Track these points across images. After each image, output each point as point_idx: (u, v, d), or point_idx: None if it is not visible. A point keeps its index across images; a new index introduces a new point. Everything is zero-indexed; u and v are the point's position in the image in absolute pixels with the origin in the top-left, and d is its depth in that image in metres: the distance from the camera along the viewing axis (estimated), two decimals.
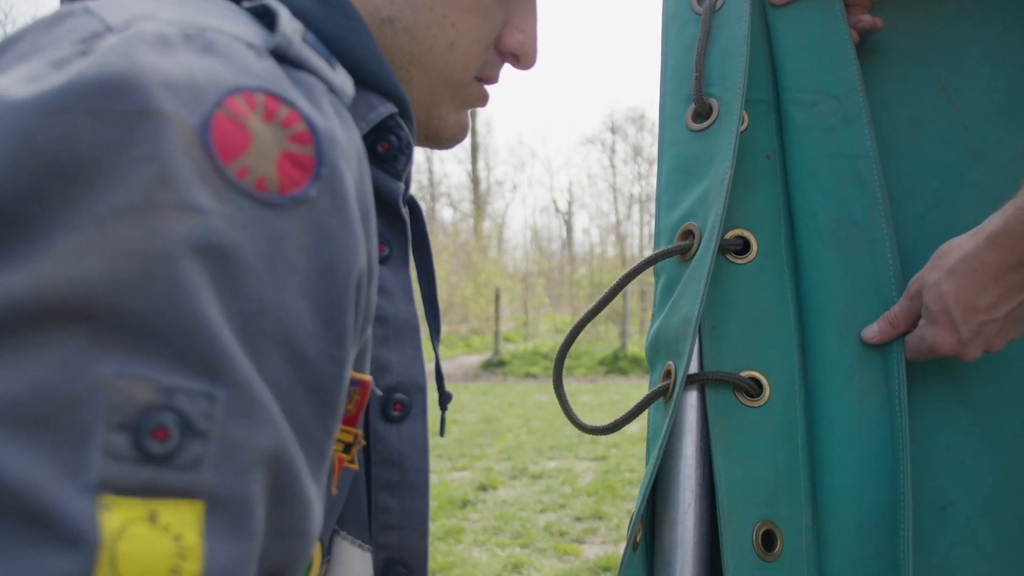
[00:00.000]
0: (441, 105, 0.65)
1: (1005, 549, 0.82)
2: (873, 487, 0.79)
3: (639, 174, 28.12)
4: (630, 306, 14.56)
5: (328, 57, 0.50)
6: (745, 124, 0.88)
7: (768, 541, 0.78)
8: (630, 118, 29.24)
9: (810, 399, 0.82)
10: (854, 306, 0.83)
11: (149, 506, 0.35)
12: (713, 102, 0.87)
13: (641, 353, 12.49)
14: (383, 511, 0.61)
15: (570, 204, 30.41)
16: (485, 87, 0.67)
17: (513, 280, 21.47)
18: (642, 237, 27.20)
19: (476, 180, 27.07)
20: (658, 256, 0.86)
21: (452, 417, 8.10)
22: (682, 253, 0.85)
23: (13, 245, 0.35)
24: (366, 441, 0.60)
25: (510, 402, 9.32)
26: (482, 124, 28.11)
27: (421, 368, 0.62)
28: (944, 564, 0.81)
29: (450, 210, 27.73)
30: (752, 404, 0.81)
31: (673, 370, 0.82)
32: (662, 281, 0.88)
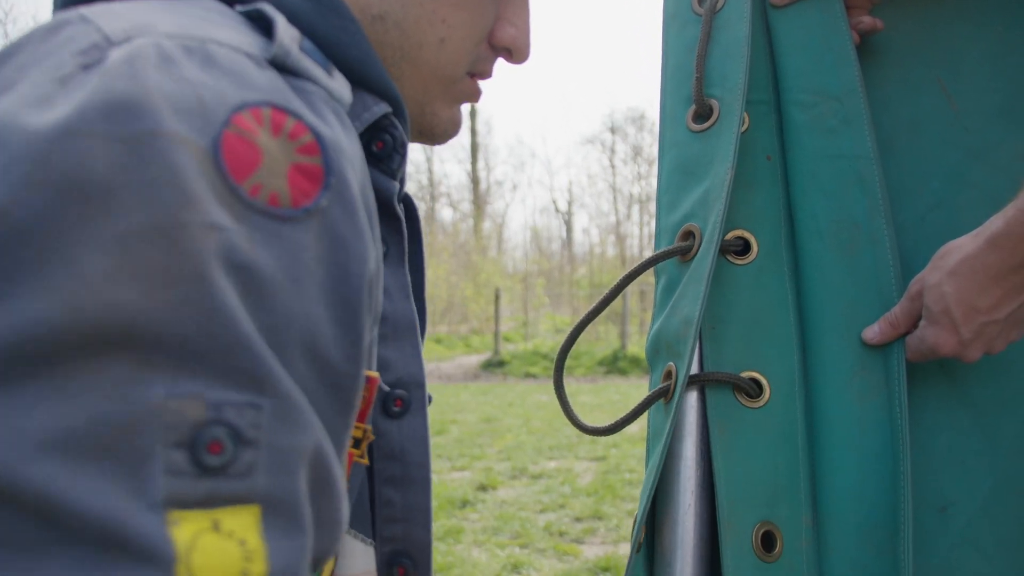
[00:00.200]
0: (433, 101, 0.65)
1: (1006, 550, 0.82)
2: (873, 488, 0.78)
3: (639, 174, 28.13)
4: (630, 306, 14.56)
5: (325, 63, 0.50)
6: (746, 125, 0.88)
7: (768, 542, 0.78)
8: (630, 118, 29.26)
9: (810, 400, 0.82)
10: (855, 307, 0.83)
11: (212, 516, 0.37)
12: (714, 103, 0.87)
13: (641, 353, 12.49)
14: (386, 505, 0.62)
15: (570, 204, 30.43)
16: (478, 82, 0.67)
17: (513, 280, 21.47)
18: (642, 237, 27.20)
19: (476, 180, 27.07)
20: (659, 257, 0.86)
21: (452, 417, 8.10)
22: (683, 254, 0.85)
23: (34, 267, 0.35)
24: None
25: (510, 402, 9.32)
26: (482, 124, 28.11)
27: (420, 365, 0.63)
28: (945, 565, 0.81)
29: (450, 210, 27.75)
30: (752, 405, 0.81)
31: (674, 371, 0.82)
32: (663, 282, 0.88)
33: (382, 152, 0.58)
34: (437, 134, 0.67)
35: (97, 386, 0.36)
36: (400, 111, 0.59)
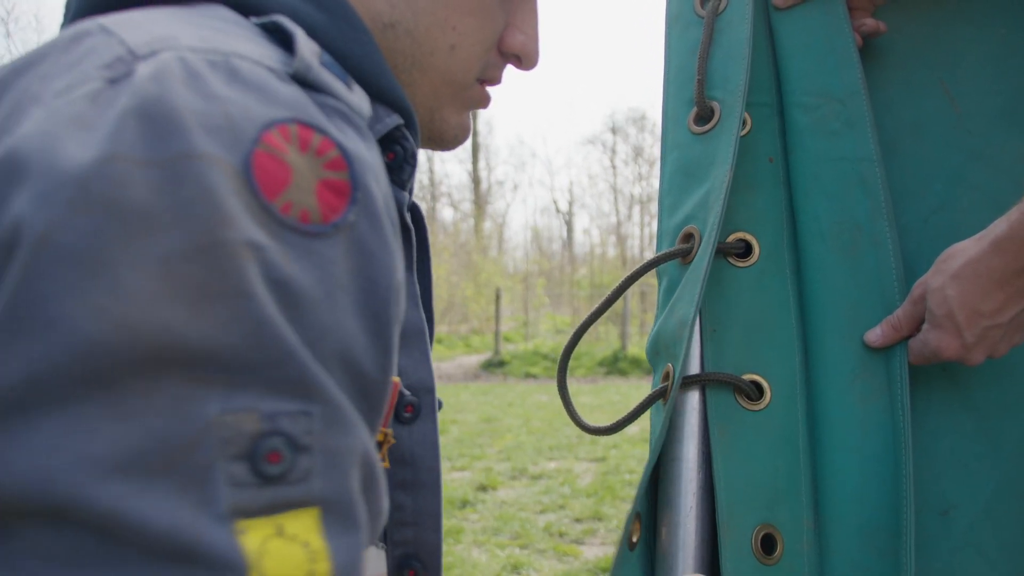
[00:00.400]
0: (443, 107, 0.65)
1: (1008, 554, 0.82)
2: (875, 491, 0.78)
3: (640, 175, 28.14)
4: (630, 307, 14.56)
5: (344, 77, 0.50)
6: (748, 127, 0.88)
7: (768, 544, 0.78)
8: (631, 119, 29.26)
9: (812, 402, 0.82)
10: (857, 309, 0.83)
11: (275, 522, 0.39)
12: (715, 105, 0.87)
13: (641, 354, 12.49)
14: (398, 509, 0.63)
15: (571, 204, 30.43)
16: (487, 88, 0.68)
17: (513, 280, 21.46)
18: (643, 238, 27.21)
19: (477, 180, 27.08)
20: (660, 259, 0.86)
21: (452, 417, 8.10)
22: (683, 256, 0.85)
23: (83, 290, 0.36)
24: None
25: (510, 402, 9.32)
26: (483, 124, 28.13)
27: (429, 370, 0.64)
28: (947, 569, 0.81)
29: (451, 210, 27.76)
30: (752, 407, 0.81)
31: (671, 372, 0.82)
32: (664, 283, 0.88)
33: (393, 163, 0.59)
34: (447, 140, 0.67)
35: (154, 406, 0.37)
36: (411, 122, 0.59)
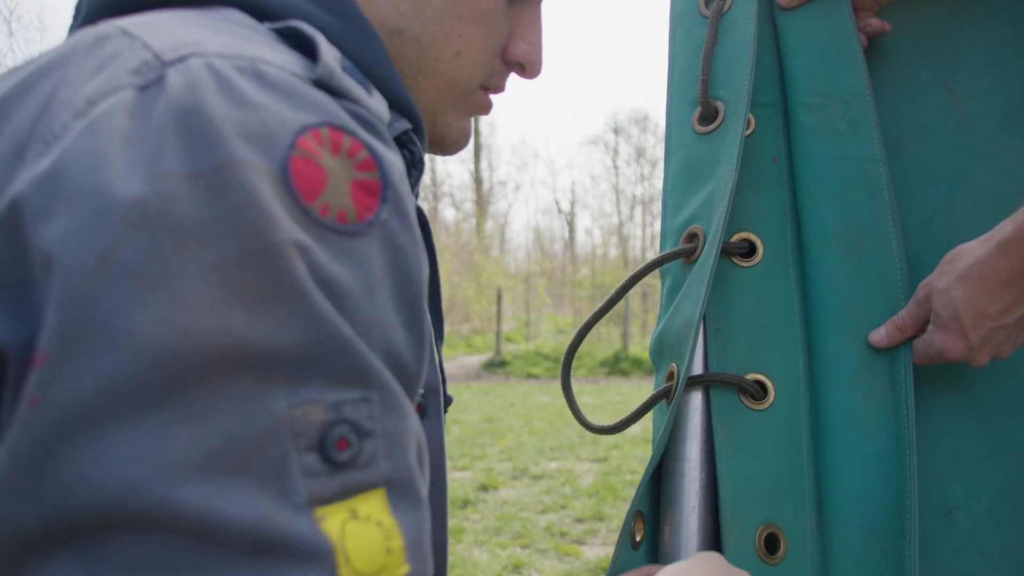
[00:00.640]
0: (446, 111, 0.66)
1: (1011, 554, 0.82)
2: (879, 491, 0.78)
3: (642, 175, 28.13)
4: (632, 307, 14.55)
5: (364, 83, 0.51)
6: (752, 127, 0.88)
7: (771, 544, 0.78)
8: (633, 119, 29.27)
9: (816, 402, 0.82)
10: (861, 309, 0.83)
11: (349, 505, 0.41)
12: (719, 105, 0.87)
13: (642, 354, 12.49)
14: None
15: (572, 205, 30.43)
16: (489, 96, 0.69)
17: (515, 280, 21.46)
18: (644, 238, 27.21)
19: (479, 180, 27.09)
20: (663, 259, 0.86)
21: (453, 417, 8.10)
22: (687, 256, 0.85)
23: (146, 302, 0.38)
24: None
25: (511, 402, 9.32)
26: (485, 124, 28.12)
27: (436, 371, 0.65)
28: (950, 569, 0.81)
29: (453, 210, 27.77)
30: (756, 407, 0.81)
31: (676, 372, 0.82)
32: (667, 283, 0.89)
33: None
34: (448, 144, 0.68)
35: (223, 407, 0.38)
36: (419, 127, 0.60)
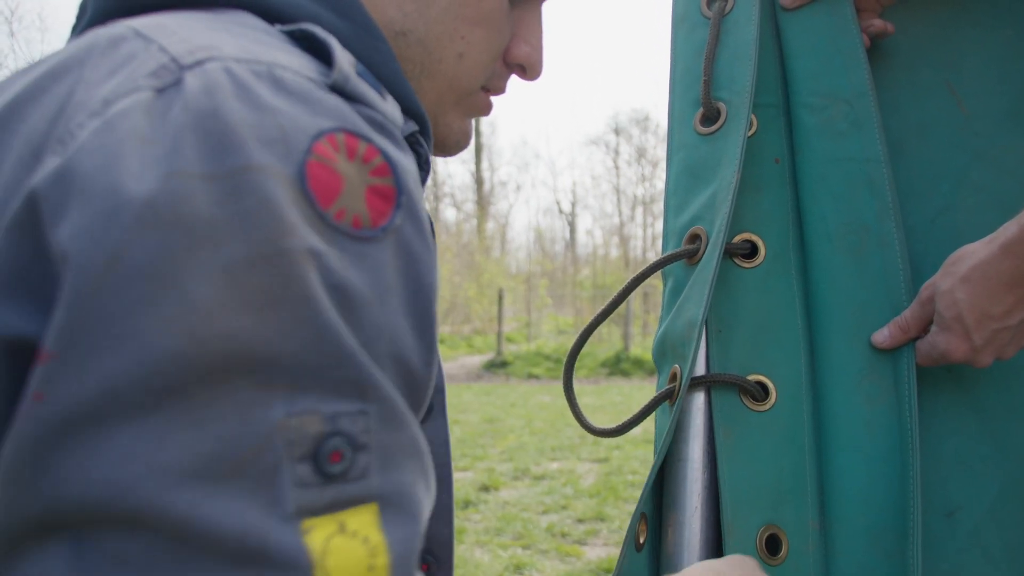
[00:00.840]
0: (447, 112, 0.66)
1: (1013, 555, 0.82)
2: (881, 492, 0.78)
3: (643, 176, 28.13)
4: (633, 308, 14.54)
5: (377, 87, 0.51)
6: (754, 128, 0.88)
7: (773, 545, 0.78)
8: (634, 120, 29.26)
9: (818, 403, 0.82)
10: (864, 310, 0.83)
11: (338, 519, 0.40)
12: (721, 106, 0.87)
13: (643, 355, 12.48)
14: None
15: (573, 205, 30.43)
16: (490, 97, 0.69)
17: (516, 281, 21.45)
18: (645, 239, 27.20)
19: (480, 180, 27.09)
20: (666, 260, 0.86)
21: (454, 417, 8.10)
22: (689, 257, 0.85)
23: (154, 304, 0.38)
24: None
25: (512, 403, 9.31)
26: (486, 125, 28.12)
27: (440, 369, 0.64)
28: (953, 570, 0.81)
29: (454, 210, 27.77)
30: (757, 408, 0.81)
31: (679, 373, 0.82)
32: (670, 284, 0.89)
33: None
34: (449, 145, 0.69)
35: (222, 412, 0.38)
36: (425, 129, 0.60)
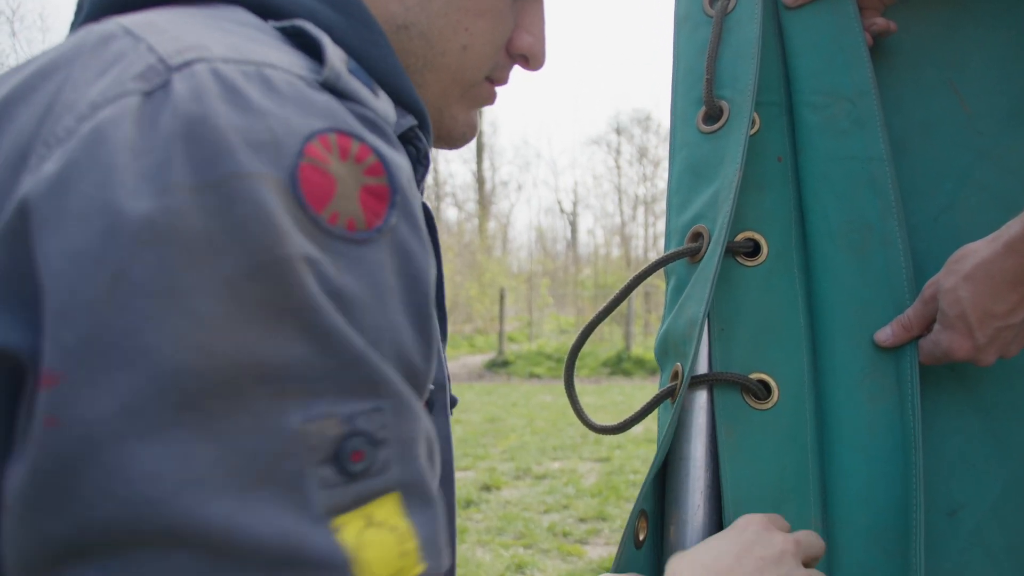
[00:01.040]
0: (452, 105, 0.66)
1: (1015, 554, 0.82)
2: (883, 491, 0.78)
3: (644, 175, 28.11)
4: (635, 307, 14.54)
5: (370, 84, 0.51)
6: (757, 126, 0.88)
7: None
8: (636, 119, 29.24)
9: (820, 402, 0.82)
10: (866, 308, 0.83)
11: (364, 512, 0.42)
12: (724, 104, 0.87)
13: (645, 354, 12.48)
14: None
15: (575, 205, 30.42)
16: (494, 88, 0.69)
17: (517, 280, 21.45)
18: (647, 239, 27.19)
19: (481, 180, 27.10)
20: (668, 258, 0.86)
21: (456, 417, 8.09)
22: (691, 255, 0.85)
23: (161, 320, 0.38)
24: None
25: (514, 402, 9.32)
26: (487, 124, 28.13)
27: (442, 367, 0.65)
28: (955, 569, 0.81)
29: (455, 210, 27.76)
30: (760, 406, 0.81)
31: (680, 371, 0.82)
32: (672, 282, 0.89)
33: None
34: (455, 137, 0.69)
35: (240, 424, 0.39)
36: (424, 123, 0.60)
